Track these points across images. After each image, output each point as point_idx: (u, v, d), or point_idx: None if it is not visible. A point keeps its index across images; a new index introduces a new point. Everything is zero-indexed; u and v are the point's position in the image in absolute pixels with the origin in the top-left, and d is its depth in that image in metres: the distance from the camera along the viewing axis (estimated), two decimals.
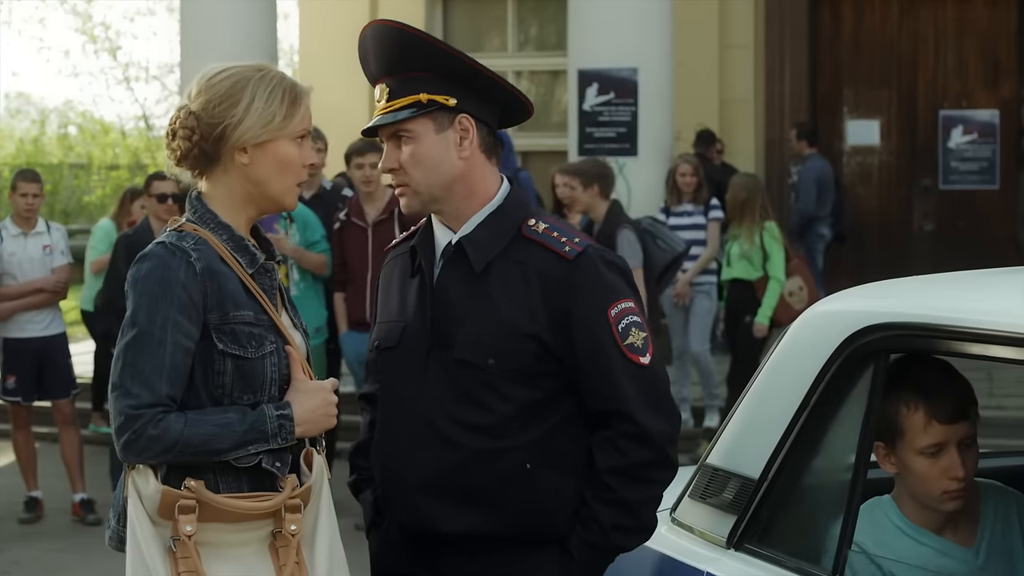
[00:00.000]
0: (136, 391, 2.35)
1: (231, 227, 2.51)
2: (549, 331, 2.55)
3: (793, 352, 2.71)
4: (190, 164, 2.53)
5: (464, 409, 2.56)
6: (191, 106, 2.50)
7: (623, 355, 2.54)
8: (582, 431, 2.60)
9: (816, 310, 2.75)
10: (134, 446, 2.35)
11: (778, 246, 8.14)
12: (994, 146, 12.26)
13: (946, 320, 2.42)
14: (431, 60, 2.59)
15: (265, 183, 2.52)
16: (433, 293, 2.62)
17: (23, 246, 7.47)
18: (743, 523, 2.69)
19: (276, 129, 2.49)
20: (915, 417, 2.64)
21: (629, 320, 2.56)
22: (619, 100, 10.02)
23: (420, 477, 2.58)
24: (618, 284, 2.59)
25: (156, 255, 2.44)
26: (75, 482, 7.48)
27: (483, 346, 2.55)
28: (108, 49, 26.97)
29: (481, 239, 2.61)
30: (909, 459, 2.66)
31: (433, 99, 2.58)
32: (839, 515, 2.52)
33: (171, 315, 2.38)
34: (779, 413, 2.66)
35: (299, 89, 2.55)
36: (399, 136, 2.61)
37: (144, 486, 2.37)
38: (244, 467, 2.41)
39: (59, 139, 25.01)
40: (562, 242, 2.59)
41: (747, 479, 2.71)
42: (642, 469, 2.54)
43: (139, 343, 2.38)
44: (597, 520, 2.55)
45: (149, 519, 2.37)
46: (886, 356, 2.53)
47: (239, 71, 2.52)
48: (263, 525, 2.43)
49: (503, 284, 2.58)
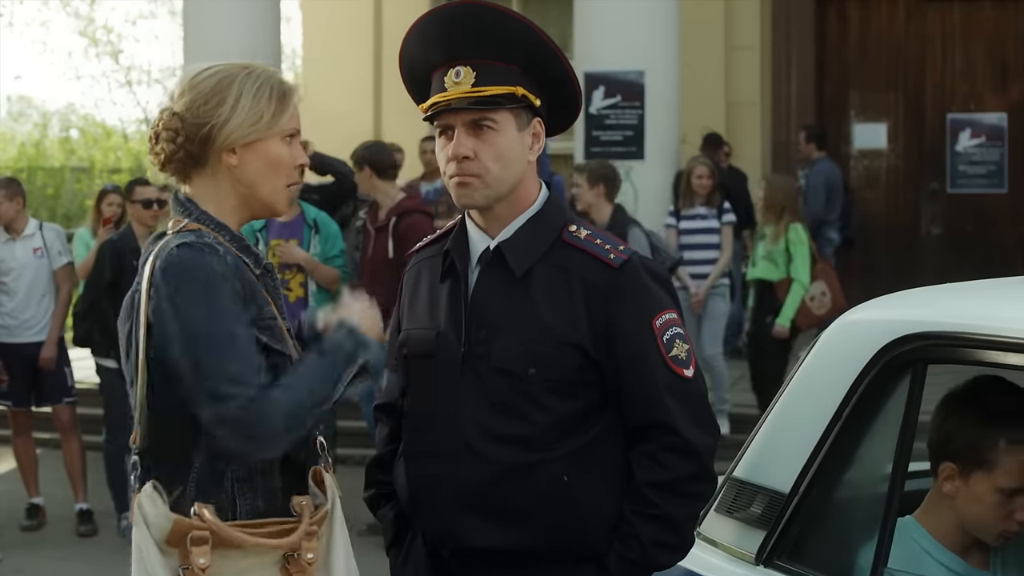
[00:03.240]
0: (233, 391, 2.23)
1: (229, 227, 2.42)
2: (591, 340, 2.46)
3: (825, 362, 2.63)
4: (175, 168, 2.42)
5: (501, 420, 2.47)
6: (174, 107, 2.39)
7: (667, 367, 2.46)
8: (621, 443, 2.51)
9: (848, 318, 2.66)
10: (262, 441, 2.25)
11: (803, 249, 8.05)
12: (1002, 149, 12.19)
13: (988, 329, 2.34)
14: (534, 56, 2.49)
15: (255, 184, 2.41)
16: (469, 299, 2.53)
17: (12, 252, 7.38)
18: (773, 539, 2.61)
19: (265, 128, 2.39)
20: (1015, 456, 2.53)
21: (673, 332, 2.49)
22: (626, 103, 9.94)
23: (453, 491, 2.50)
24: (662, 294, 2.51)
25: (187, 258, 2.31)
26: (76, 491, 7.39)
27: (524, 354, 2.46)
28: (110, 52, 26.90)
29: (521, 244, 2.52)
30: (983, 492, 2.56)
31: (527, 95, 2.49)
32: (874, 533, 2.44)
33: (228, 307, 2.28)
34: (810, 425, 2.58)
35: (287, 86, 2.45)
36: (481, 124, 2.48)
37: (152, 512, 2.27)
38: (267, 472, 2.32)
39: (61, 142, 24.95)
40: (606, 249, 2.50)
41: (776, 493, 2.62)
42: (685, 484, 2.46)
43: (212, 346, 2.25)
44: (637, 536, 2.46)
45: (156, 547, 2.26)
46: (924, 366, 2.44)
47: (224, 69, 2.42)
48: (275, 552, 2.33)
49: (545, 290, 2.49)
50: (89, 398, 8.30)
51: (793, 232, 8.06)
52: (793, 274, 8.03)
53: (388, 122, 12.99)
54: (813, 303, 8.13)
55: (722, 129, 11.57)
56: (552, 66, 2.51)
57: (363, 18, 13.50)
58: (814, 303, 8.13)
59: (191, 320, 2.27)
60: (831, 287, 8.25)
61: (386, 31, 13.36)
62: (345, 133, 10.44)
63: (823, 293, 8.17)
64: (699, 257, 8.58)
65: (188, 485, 2.31)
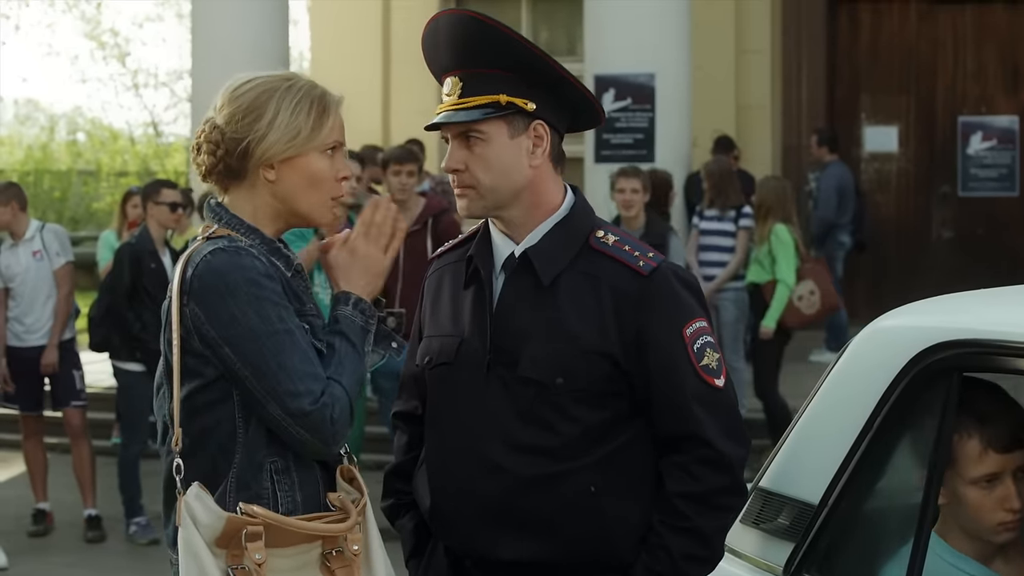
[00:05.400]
0: (304, 388, 2.27)
1: (260, 231, 2.40)
2: (620, 349, 2.41)
3: (854, 370, 2.56)
4: (216, 179, 2.42)
5: (527, 430, 2.42)
6: (216, 119, 2.38)
7: (698, 377, 2.41)
8: (649, 453, 2.45)
9: (879, 325, 2.59)
10: (337, 433, 2.30)
11: (784, 248, 7.99)
12: (1014, 152, 12.13)
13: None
14: (516, 60, 2.44)
15: (292, 200, 2.40)
16: (494, 306, 2.48)
17: (16, 257, 7.36)
18: (801, 551, 2.55)
19: (303, 143, 2.37)
20: (969, 445, 2.48)
21: (704, 340, 2.43)
22: (636, 106, 9.89)
23: (478, 501, 2.44)
24: (692, 302, 2.46)
25: (226, 264, 2.30)
26: (85, 496, 7.33)
27: (551, 363, 2.41)
28: (117, 55, 26.91)
29: (548, 250, 2.47)
30: (961, 489, 2.49)
31: (512, 102, 2.44)
32: (907, 546, 2.38)
33: (278, 304, 2.30)
34: (840, 435, 2.51)
35: (329, 98, 2.42)
36: (468, 136, 2.46)
37: (202, 512, 2.26)
38: (304, 466, 2.33)
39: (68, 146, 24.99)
40: (635, 256, 2.45)
41: (805, 504, 2.56)
42: (717, 496, 2.40)
43: (273, 346, 2.27)
44: (666, 548, 2.40)
45: (208, 548, 2.24)
46: (959, 375, 2.38)
47: (265, 81, 2.39)
48: (314, 547, 2.32)
49: (573, 298, 2.44)
50: (98, 402, 8.25)
51: (774, 234, 8.01)
52: (777, 275, 7.99)
53: (396, 124, 12.95)
54: (802, 302, 8.09)
55: (732, 132, 11.51)
56: (540, 68, 2.45)
57: (371, 20, 13.47)
58: (803, 302, 8.09)
59: (244, 324, 2.27)
60: (821, 286, 8.18)
61: (394, 33, 13.33)
62: (353, 135, 10.39)
63: (811, 292, 8.13)
64: (713, 259, 8.54)
65: (229, 480, 2.31)
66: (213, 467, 2.32)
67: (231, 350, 2.28)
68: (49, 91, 42.02)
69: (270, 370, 2.26)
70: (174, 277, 2.35)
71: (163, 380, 2.39)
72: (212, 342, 2.29)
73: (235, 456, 2.32)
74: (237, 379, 2.29)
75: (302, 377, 2.27)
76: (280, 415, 2.28)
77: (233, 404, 2.32)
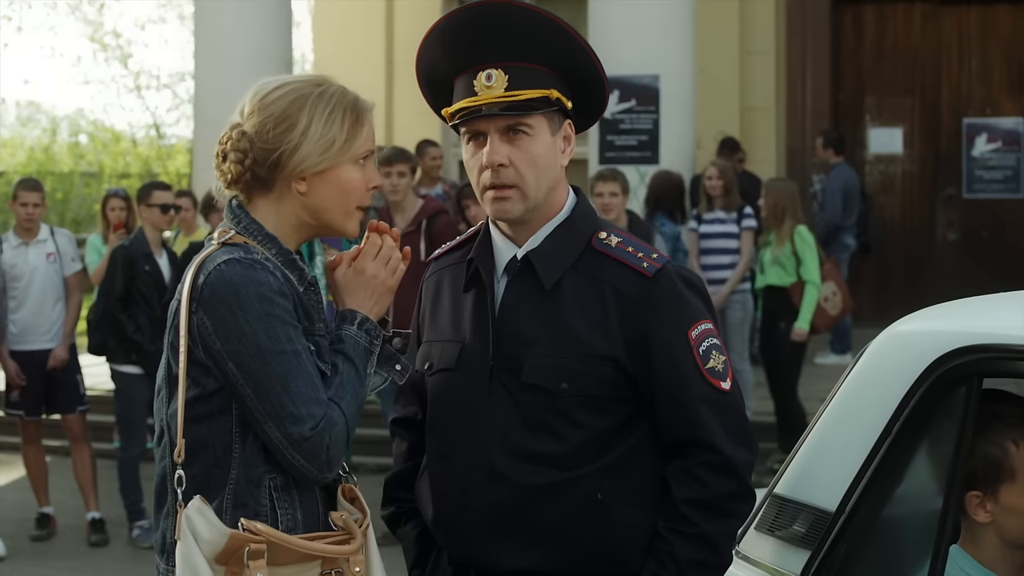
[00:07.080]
0: (305, 412, 2.20)
1: (279, 240, 2.32)
2: (625, 352, 2.35)
3: (872, 375, 2.52)
4: (241, 188, 2.32)
5: (531, 437, 2.36)
6: (244, 126, 2.29)
7: (704, 379, 2.35)
8: (654, 457, 2.40)
9: (896, 330, 2.55)
10: (332, 460, 2.24)
11: (811, 250, 7.96)
12: (1019, 154, 12.10)
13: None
14: (567, 56, 2.38)
15: (322, 212, 2.32)
16: (497, 311, 2.42)
17: (24, 257, 7.29)
18: (818, 559, 2.50)
19: (336, 155, 2.29)
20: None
21: (710, 343, 2.38)
22: (640, 107, 9.86)
23: (482, 510, 2.39)
24: (698, 304, 2.40)
25: (240, 276, 2.21)
26: (88, 500, 7.29)
27: (556, 369, 2.35)
28: (119, 57, 26.87)
29: (550, 252, 2.41)
30: (1016, 502, 2.42)
31: (561, 99, 2.38)
32: (926, 555, 2.33)
33: (287, 323, 2.22)
34: (857, 441, 2.47)
35: (361, 105, 2.34)
36: (515, 130, 2.37)
37: (204, 527, 2.19)
38: (305, 484, 2.27)
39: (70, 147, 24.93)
40: (639, 257, 2.39)
41: (821, 511, 2.51)
42: (724, 501, 2.34)
43: (279, 365, 2.20)
44: (673, 555, 2.34)
45: (208, 564, 2.17)
46: (979, 380, 2.33)
47: (296, 88, 2.30)
48: (312, 567, 2.25)
49: (576, 301, 2.38)
50: (99, 405, 8.21)
51: (798, 235, 7.96)
52: (805, 276, 7.92)
53: (399, 126, 12.91)
54: (827, 304, 8.05)
55: (737, 134, 11.48)
56: (583, 67, 2.40)
57: (374, 22, 13.43)
58: (828, 303, 8.06)
59: (252, 340, 2.20)
60: (839, 287, 8.16)
61: (397, 35, 13.29)
62: None
63: (834, 293, 8.10)
64: (716, 262, 8.48)
65: (225, 496, 2.24)
66: (207, 479, 2.25)
67: (235, 366, 2.20)
68: (51, 93, 41.93)
69: (273, 391, 2.20)
70: (185, 281, 2.27)
71: (163, 383, 2.33)
72: (216, 355, 2.22)
73: (231, 470, 2.25)
74: (238, 395, 2.23)
75: (305, 401, 2.20)
76: (277, 437, 2.21)
77: (231, 418, 2.25)
